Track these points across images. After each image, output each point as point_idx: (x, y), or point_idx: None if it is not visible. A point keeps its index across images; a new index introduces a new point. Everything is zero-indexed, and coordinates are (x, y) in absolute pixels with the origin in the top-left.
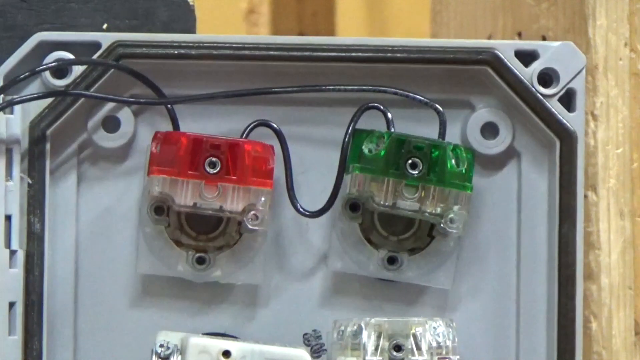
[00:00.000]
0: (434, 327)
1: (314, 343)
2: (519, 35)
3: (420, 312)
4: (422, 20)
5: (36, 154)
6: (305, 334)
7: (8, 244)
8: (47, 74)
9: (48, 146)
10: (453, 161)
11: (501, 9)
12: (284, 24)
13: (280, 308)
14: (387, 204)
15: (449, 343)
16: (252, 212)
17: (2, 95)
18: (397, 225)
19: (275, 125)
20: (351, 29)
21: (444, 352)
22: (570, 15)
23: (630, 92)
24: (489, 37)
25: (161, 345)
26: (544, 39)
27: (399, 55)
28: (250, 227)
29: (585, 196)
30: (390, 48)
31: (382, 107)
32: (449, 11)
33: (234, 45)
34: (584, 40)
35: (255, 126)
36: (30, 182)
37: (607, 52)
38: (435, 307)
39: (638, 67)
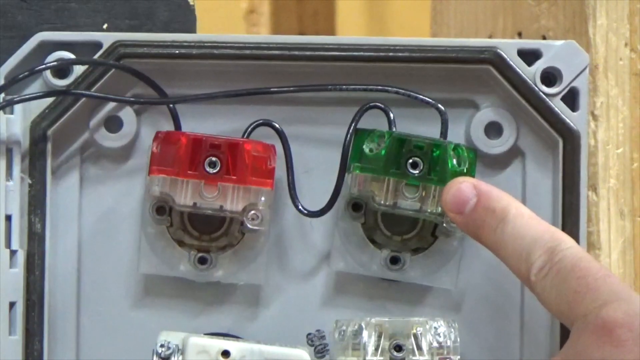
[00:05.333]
0: (435, 327)
1: (317, 343)
2: (519, 35)
3: (424, 312)
4: (422, 20)
5: (37, 154)
6: (309, 334)
7: (8, 244)
8: (48, 74)
9: (49, 146)
10: (454, 160)
11: (501, 9)
12: (284, 24)
13: (282, 308)
14: (387, 203)
15: (450, 343)
16: (252, 212)
17: (2, 95)
18: (401, 225)
19: (277, 125)
20: (351, 29)
21: (445, 352)
22: (570, 15)
23: (631, 92)
24: (490, 37)
25: (162, 346)
26: (544, 39)
27: (401, 54)
28: (250, 226)
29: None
30: (392, 47)
31: (384, 107)
32: (450, 11)
33: (235, 44)
34: (584, 40)
35: (257, 126)
36: (30, 182)
37: (607, 52)
38: (438, 307)
39: (638, 67)
